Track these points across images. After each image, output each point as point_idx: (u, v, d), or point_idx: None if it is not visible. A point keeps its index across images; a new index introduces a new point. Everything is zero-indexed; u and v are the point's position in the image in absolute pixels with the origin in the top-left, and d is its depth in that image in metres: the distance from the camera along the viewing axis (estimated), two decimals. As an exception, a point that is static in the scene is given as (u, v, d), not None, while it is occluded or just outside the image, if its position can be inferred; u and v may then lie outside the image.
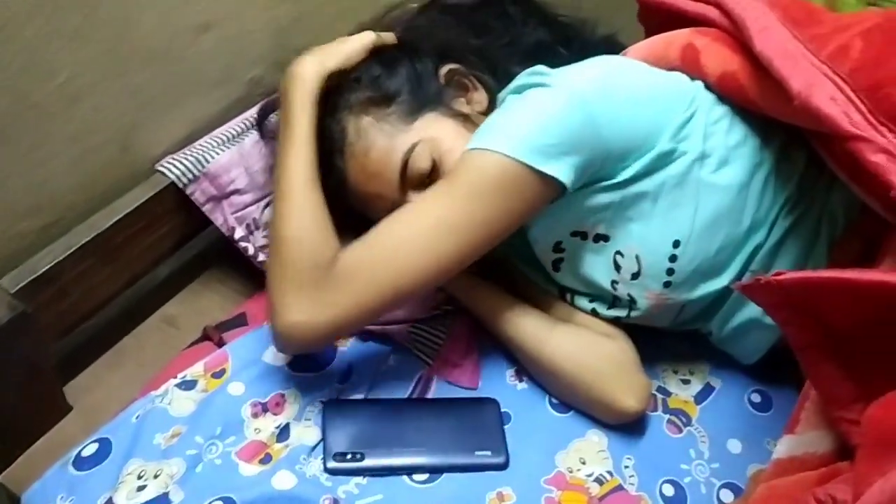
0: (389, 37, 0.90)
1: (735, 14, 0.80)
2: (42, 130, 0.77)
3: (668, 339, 0.95)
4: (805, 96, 0.67)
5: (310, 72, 0.82)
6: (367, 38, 0.87)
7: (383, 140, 0.83)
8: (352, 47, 0.85)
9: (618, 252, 0.83)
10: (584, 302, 0.89)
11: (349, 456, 0.80)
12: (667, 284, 0.83)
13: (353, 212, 0.89)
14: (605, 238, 0.83)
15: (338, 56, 0.84)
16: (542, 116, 0.76)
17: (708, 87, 0.85)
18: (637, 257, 0.82)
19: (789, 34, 0.74)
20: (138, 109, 0.86)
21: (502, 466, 0.82)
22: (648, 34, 0.97)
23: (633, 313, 0.86)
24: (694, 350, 0.96)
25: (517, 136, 0.76)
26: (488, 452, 0.83)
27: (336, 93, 0.85)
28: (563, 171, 0.76)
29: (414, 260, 0.75)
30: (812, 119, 0.67)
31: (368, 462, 0.80)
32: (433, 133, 0.83)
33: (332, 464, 0.80)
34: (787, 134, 0.82)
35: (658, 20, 0.96)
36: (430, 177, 0.83)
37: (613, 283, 0.85)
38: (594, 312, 0.89)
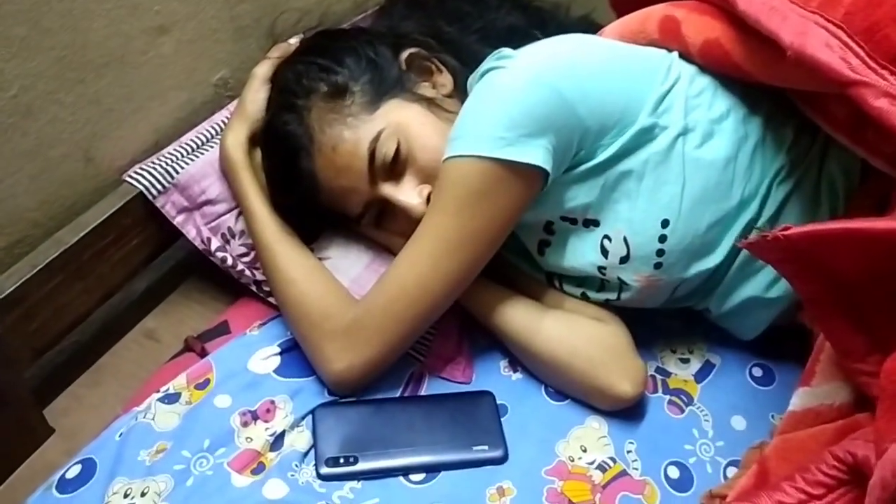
0: (291, 46, 0.90)
1: (715, -20, 0.78)
2: (2, 146, 0.74)
3: (662, 318, 0.92)
4: (798, 46, 0.64)
5: (231, 147, 0.87)
6: (260, 72, 0.88)
7: (348, 132, 0.80)
8: (252, 97, 0.88)
9: (605, 236, 0.80)
10: (572, 287, 0.87)
11: (342, 460, 0.78)
12: (657, 266, 0.80)
13: (328, 212, 0.87)
14: (596, 223, 0.81)
15: (244, 118, 0.87)
16: (506, 103, 0.74)
17: (687, 58, 0.83)
18: (625, 239, 0.80)
19: None
20: (99, 118, 0.83)
21: (501, 460, 0.80)
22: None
23: (624, 295, 0.84)
24: (689, 328, 0.94)
25: (486, 133, 0.74)
26: (486, 447, 0.80)
27: (289, 93, 0.83)
28: (538, 155, 0.73)
29: (424, 286, 0.78)
30: (807, 70, 0.64)
31: (362, 465, 0.78)
32: (398, 118, 0.81)
33: (324, 470, 0.77)
34: (773, 104, 0.80)
35: (630, 6, 0.93)
36: (399, 164, 0.81)
37: (601, 268, 0.82)
38: (584, 297, 0.86)
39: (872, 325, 0.60)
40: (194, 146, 0.91)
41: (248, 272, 0.91)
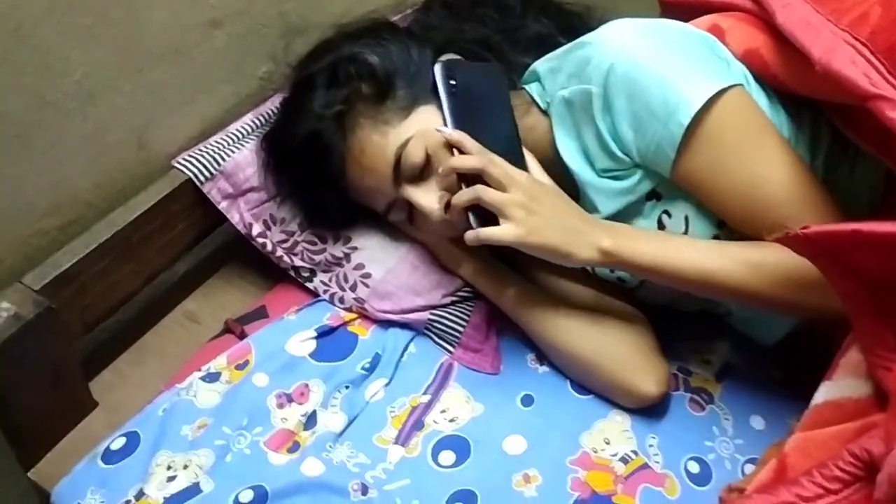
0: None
1: (759, -6, 0.81)
2: (59, 129, 0.78)
3: (685, 320, 0.95)
4: (826, 61, 0.68)
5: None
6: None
7: (377, 137, 0.82)
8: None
9: (665, 211, 0.82)
10: (606, 271, 0.89)
11: None
12: None
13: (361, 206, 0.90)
14: (658, 196, 0.82)
15: None
16: (672, 51, 0.77)
17: None
18: (686, 219, 0.81)
19: (811, 8, 0.75)
20: (153, 107, 0.87)
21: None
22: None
23: None
24: (712, 331, 0.96)
25: (693, 78, 0.75)
26: None
27: (332, 86, 0.84)
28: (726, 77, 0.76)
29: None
30: (833, 83, 0.67)
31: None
32: (429, 125, 0.82)
33: None
34: (811, 114, 0.82)
35: (683, 18, 0.96)
36: (425, 169, 0.83)
37: None
38: (619, 280, 0.89)
39: None
40: (240, 136, 0.94)
41: (286, 258, 0.94)
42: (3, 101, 0.72)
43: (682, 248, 0.77)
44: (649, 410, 0.87)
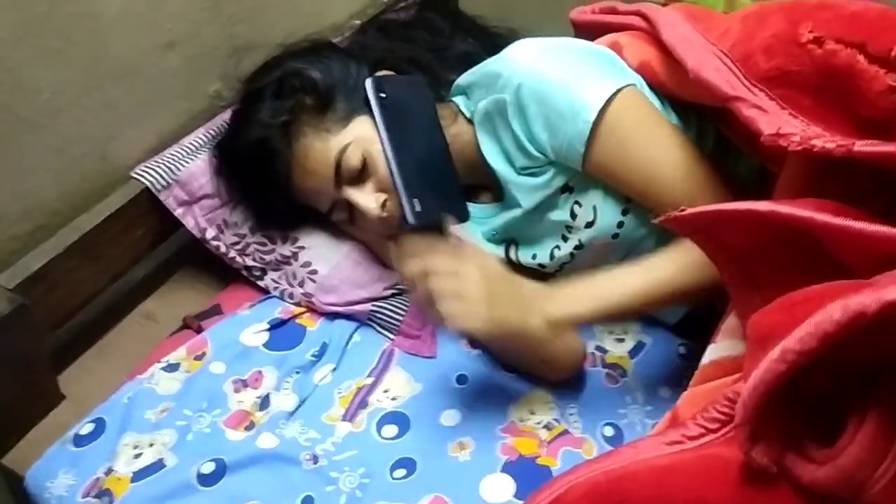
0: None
1: (651, 16, 0.94)
2: (29, 143, 0.86)
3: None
4: (697, 70, 0.80)
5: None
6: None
7: (320, 143, 0.92)
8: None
9: (576, 202, 0.93)
10: (527, 256, 1.00)
11: None
12: (615, 236, 0.94)
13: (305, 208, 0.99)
14: (570, 189, 0.93)
15: None
16: (569, 59, 0.89)
17: None
18: (594, 207, 0.93)
19: (691, 27, 0.88)
20: (114, 122, 0.95)
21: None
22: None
23: (577, 253, 0.96)
24: (625, 314, 1.08)
25: (588, 83, 0.86)
26: None
27: (278, 98, 0.93)
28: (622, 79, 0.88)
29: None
30: (704, 89, 0.79)
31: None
32: (364, 134, 0.93)
33: None
34: (697, 116, 0.95)
35: (589, 38, 1.09)
36: (363, 173, 0.93)
37: (568, 227, 0.95)
38: (539, 266, 1.00)
39: (764, 289, 0.74)
40: (193, 148, 1.03)
41: (238, 259, 1.03)
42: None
43: (615, 288, 0.86)
44: (569, 385, 0.97)
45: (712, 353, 0.81)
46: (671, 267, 0.86)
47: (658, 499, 0.67)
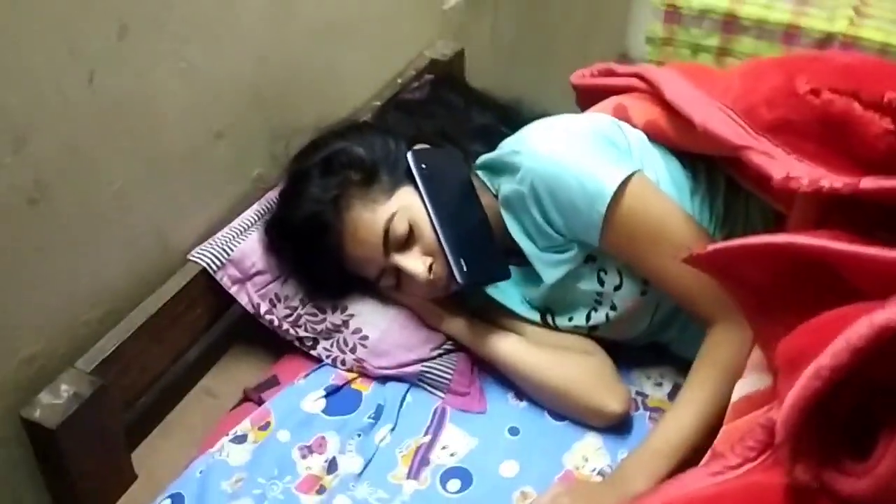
0: None
1: (651, 78, 1.02)
2: (103, 235, 0.92)
3: (636, 352, 1.10)
4: (704, 124, 0.88)
5: None
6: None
7: (368, 214, 0.99)
8: None
9: (602, 269, 1.00)
10: (563, 319, 1.06)
11: None
12: (643, 293, 1.00)
13: (355, 277, 1.05)
14: (594, 259, 1.00)
15: None
16: (577, 146, 0.96)
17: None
18: (619, 271, 0.99)
19: (690, 85, 0.96)
20: (173, 210, 1.01)
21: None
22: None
23: (612, 315, 1.02)
24: (659, 359, 1.12)
25: (600, 173, 0.93)
26: None
27: (326, 175, 1.00)
28: (630, 164, 0.95)
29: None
30: (712, 141, 0.87)
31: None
32: (408, 203, 1.00)
33: None
34: (706, 164, 1.02)
35: (591, 101, 1.16)
36: (409, 239, 0.99)
37: (598, 294, 1.01)
38: (575, 327, 1.05)
39: (784, 320, 0.80)
40: (243, 228, 1.09)
41: (291, 330, 1.08)
42: (59, 215, 0.85)
43: (681, 432, 0.90)
44: (617, 429, 1.01)
45: (742, 389, 0.85)
46: (705, 387, 0.92)
47: None
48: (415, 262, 0.99)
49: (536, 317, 1.08)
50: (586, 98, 1.21)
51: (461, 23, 1.58)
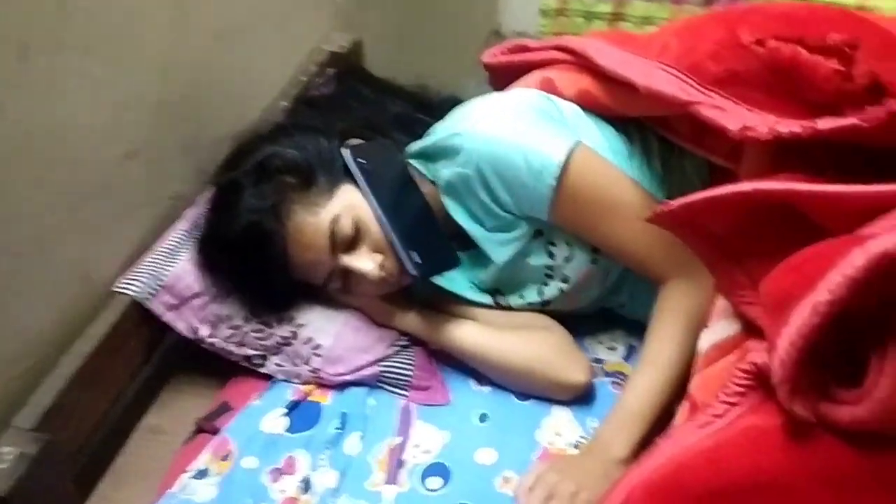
0: None
1: (575, 48, 1.02)
2: (20, 277, 0.83)
3: (587, 321, 1.11)
4: (648, 85, 0.88)
5: None
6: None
7: (311, 218, 0.95)
8: None
9: (550, 242, 1.00)
10: (515, 298, 1.05)
11: None
12: (594, 261, 1.00)
13: (300, 284, 1.00)
14: (541, 233, 0.99)
15: None
16: (518, 122, 0.95)
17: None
18: (568, 243, 0.99)
19: (620, 50, 0.96)
20: (91, 241, 0.93)
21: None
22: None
23: (566, 287, 1.02)
24: (608, 324, 1.12)
25: (543, 145, 0.92)
26: None
27: (260, 183, 0.95)
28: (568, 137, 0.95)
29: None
30: (657, 100, 0.87)
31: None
32: (351, 201, 0.97)
33: None
34: (638, 128, 1.03)
35: (507, 79, 1.15)
36: (356, 238, 0.96)
37: (548, 268, 1.01)
38: (528, 305, 1.05)
39: (747, 265, 0.82)
40: (170, 251, 1.02)
41: (237, 351, 1.02)
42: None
43: (642, 397, 0.91)
44: (582, 400, 1.01)
45: (709, 338, 0.87)
46: (668, 344, 0.93)
47: (715, 478, 0.71)
48: (365, 262, 0.96)
49: (487, 299, 1.07)
50: (501, 77, 1.20)
51: (353, 12, 1.54)
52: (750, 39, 0.81)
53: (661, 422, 0.90)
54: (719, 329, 0.87)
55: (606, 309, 1.12)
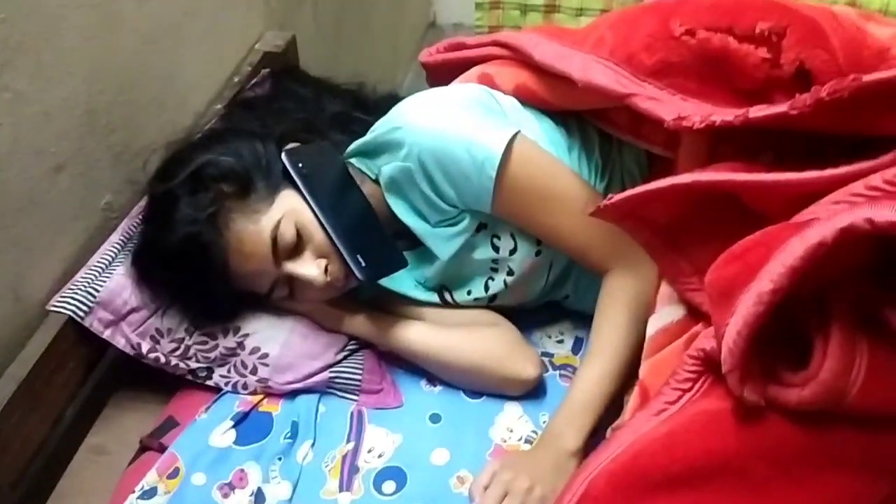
0: None
1: (512, 43, 1.02)
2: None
3: (532, 314, 1.12)
4: (585, 79, 0.89)
5: None
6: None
7: (251, 226, 0.92)
8: None
9: (494, 235, 0.99)
10: (462, 294, 1.05)
11: None
12: (538, 253, 1.01)
13: (242, 294, 0.98)
14: (485, 226, 0.99)
15: None
16: (452, 112, 0.95)
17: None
18: (512, 235, 0.99)
19: (557, 44, 0.97)
20: (21, 258, 0.90)
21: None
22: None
23: (510, 280, 1.02)
24: (554, 317, 1.14)
25: (482, 135, 0.92)
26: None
27: (196, 192, 0.92)
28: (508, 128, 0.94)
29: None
30: (594, 94, 0.88)
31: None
32: (292, 206, 0.94)
33: None
34: (577, 121, 1.04)
35: (446, 77, 1.15)
36: (299, 244, 0.94)
37: (493, 261, 1.01)
38: (475, 300, 1.05)
39: (690, 253, 0.84)
40: (104, 265, 0.98)
41: (181, 364, 0.99)
42: None
43: (591, 387, 0.92)
44: (532, 394, 1.02)
45: (656, 323, 0.89)
46: (614, 334, 0.94)
47: (672, 464, 0.73)
48: (309, 268, 0.94)
49: (434, 297, 1.07)
50: (438, 75, 1.20)
51: (286, 10, 1.51)
52: (681, 30, 0.83)
53: (610, 411, 0.92)
54: (665, 314, 0.89)
55: (552, 302, 1.12)
